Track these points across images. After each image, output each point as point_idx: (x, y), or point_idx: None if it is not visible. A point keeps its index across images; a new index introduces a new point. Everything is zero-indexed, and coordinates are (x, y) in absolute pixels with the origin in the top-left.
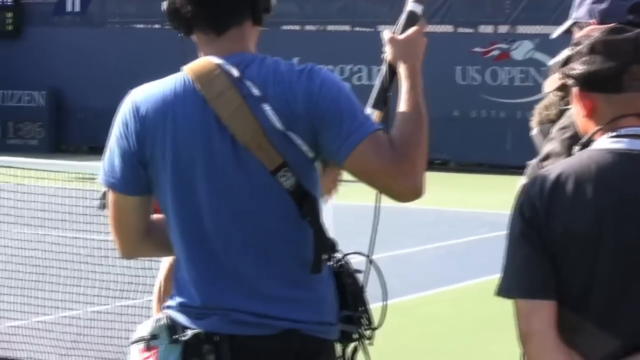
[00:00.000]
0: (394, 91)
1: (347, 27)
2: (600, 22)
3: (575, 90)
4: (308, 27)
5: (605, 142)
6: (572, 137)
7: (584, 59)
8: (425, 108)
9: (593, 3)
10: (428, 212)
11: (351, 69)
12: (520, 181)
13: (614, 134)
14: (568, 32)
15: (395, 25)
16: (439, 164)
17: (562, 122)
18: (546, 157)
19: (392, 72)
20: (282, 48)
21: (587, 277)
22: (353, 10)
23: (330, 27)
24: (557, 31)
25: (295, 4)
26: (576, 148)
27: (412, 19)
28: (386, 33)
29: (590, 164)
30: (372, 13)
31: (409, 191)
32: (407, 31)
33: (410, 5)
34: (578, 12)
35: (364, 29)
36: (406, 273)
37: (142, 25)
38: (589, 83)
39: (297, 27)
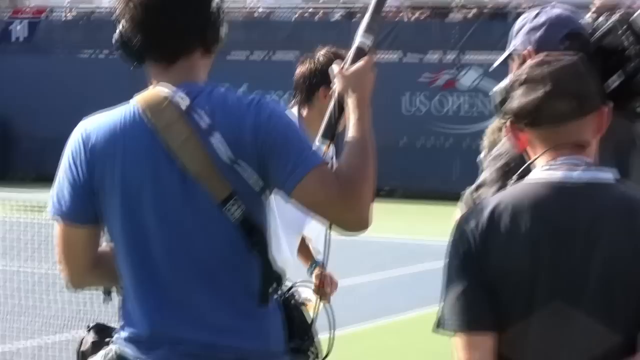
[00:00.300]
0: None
1: (293, 55)
2: (536, 51)
3: (507, 123)
4: (254, 56)
5: (540, 174)
6: (505, 165)
7: (514, 92)
8: (373, 140)
9: (528, 32)
10: (374, 242)
11: None
12: (456, 210)
13: (548, 165)
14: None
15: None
16: (385, 193)
17: (496, 150)
18: (479, 186)
19: (341, 104)
20: (229, 76)
21: (525, 310)
22: (299, 38)
23: (276, 55)
24: (497, 62)
25: (242, 33)
26: (512, 180)
27: (360, 52)
28: (335, 66)
29: (525, 196)
30: (318, 41)
31: (356, 223)
32: (356, 64)
33: (359, 38)
34: (515, 42)
35: None
36: (353, 303)
37: (89, 54)
38: (518, 117)
39: (243, 56)
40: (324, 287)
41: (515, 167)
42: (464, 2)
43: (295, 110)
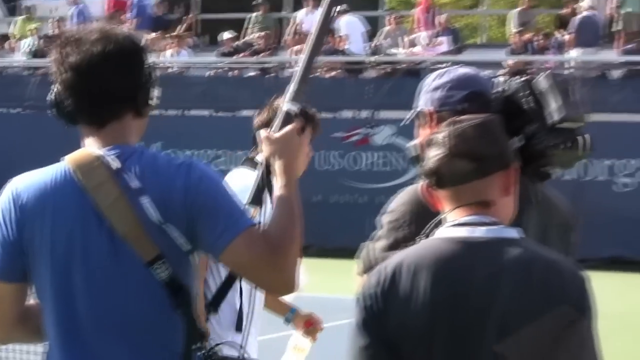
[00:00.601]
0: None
1: (207, 112)
2: (437, 111)
3: (423, 183)
4: (168, 113)
5: (444, 231)
6: (395, 221)
7: (426, 153)
8: (299, 203)
9: (431, 91)
10: (288, 298)
11: (212, 153)
12: (355, 265)
13: (453, 223)
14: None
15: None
16: (304, 250)
17: (390, 207)
18: (374, 241)
19: (269, 169)
20: (143, 134)
21: None
22: (213, 95)
23: (190, 112)
24: (405, 120)
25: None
26: (419, 237)
27: (288, 118)
28: (262, 131)
29: (427, 253)
30: (232, 98)
31: (282, 286)
32: (283, 129)
33: (286, 105)
34: (419, 101)
35: (225, 114)
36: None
37: (16, 111)
38: (426, 177)
39: (157, 113)
40: (314, 326)
41: (404, 223)
42: (378, 60)
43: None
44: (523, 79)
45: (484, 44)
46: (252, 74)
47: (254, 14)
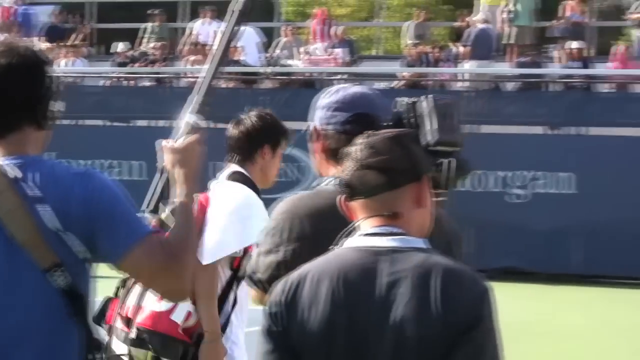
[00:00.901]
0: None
1: (101, 122)
2: (323, 129)
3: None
4: (63, 122)
5: (354, 241)
6: (272, 229)
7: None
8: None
9: (318, 109)
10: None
11: (106, 163)
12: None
13: (363, 232)
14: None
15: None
16: None
17: (271, 216)
18: (260, 253)
19: (168, 178)
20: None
21: None
22: (108, 105)
23: (85, 122)
24: (298, 134)
25: None
26: (332, 247)
27: (189, 129)
28: (163, 141)
29: (333, 262)
30: (127, 108)
31: (177, 292)
32: (184, 140)
33: (188, 117)
34: (313, 116)
35: (120, 124)
36: None
37: None
38: (341, 189)
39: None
40: None
41: (282, 231)
42: (273, 71)
43: (233, 168)
44: (410, 100)
45: (380, 56)
46: (147, 84)
47: (150, 24)
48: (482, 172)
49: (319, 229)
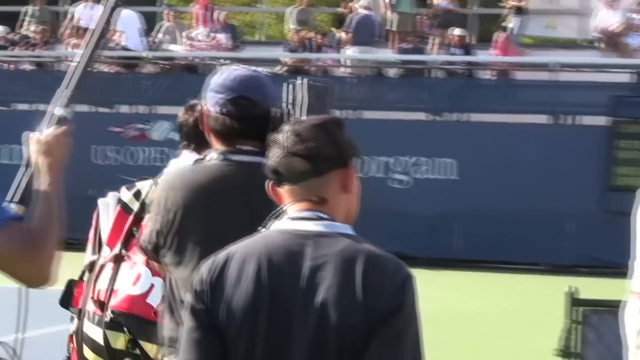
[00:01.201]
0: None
1: None
2: (208, 109)
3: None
4: None
5: (280, 224)
6: (155, 207)
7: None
8: (61, 202)
9: (207, 90)
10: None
11: None
12: None
13: (289, 216)
14: None
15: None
16: (76, 244)
17: (153, 195)
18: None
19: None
20: None
21: (246, 354)
22: None
23: None
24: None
25: None
26: (260, 228)
27: (56, 121)
28: (30, 133)
29: (259, 243)
30: (8, 92)
31: (37, 278)
32: (51, 131)
33: (57, 110)
34: (201, 98)
35: (1, 108)
36: (44, 354)
37: None
38: (268, 175)
39: None
40: None
41: (163, 207)
42: (155, 56)
43: (186, 153)
44: (289, 82)
45: (263, 41)
46: (28, 67)
47: (30, 8)
48: (365, 157)
49: (192, 200)
